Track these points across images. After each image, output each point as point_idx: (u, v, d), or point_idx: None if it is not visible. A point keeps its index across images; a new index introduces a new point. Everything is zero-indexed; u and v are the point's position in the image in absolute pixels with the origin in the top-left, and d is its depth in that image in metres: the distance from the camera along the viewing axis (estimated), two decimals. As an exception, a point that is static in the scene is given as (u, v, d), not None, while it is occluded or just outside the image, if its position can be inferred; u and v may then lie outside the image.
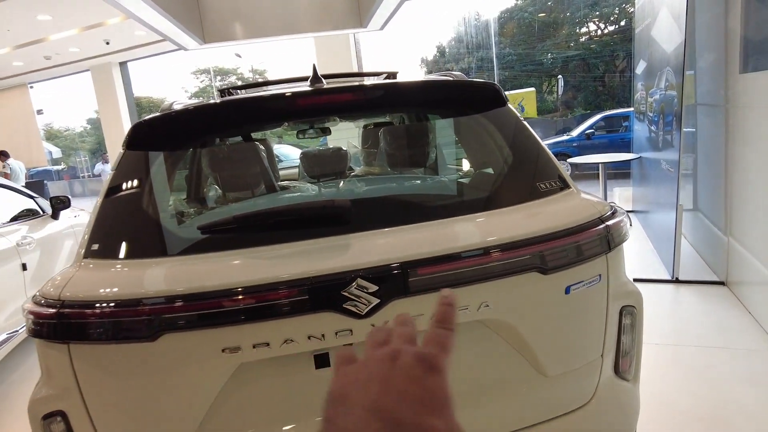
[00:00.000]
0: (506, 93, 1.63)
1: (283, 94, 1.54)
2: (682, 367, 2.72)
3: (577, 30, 24.29)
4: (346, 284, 1.12)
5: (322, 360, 1.21)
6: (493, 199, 1.44)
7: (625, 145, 8.44)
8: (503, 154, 1.54)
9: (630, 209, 6.03)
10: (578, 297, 1.30)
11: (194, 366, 1.16)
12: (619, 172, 8.98)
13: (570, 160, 6.91)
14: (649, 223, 5.18)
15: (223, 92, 2.20)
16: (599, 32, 23.99)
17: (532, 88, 21.05)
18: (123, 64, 9.51)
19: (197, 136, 1.65)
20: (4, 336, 3.24)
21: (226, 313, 1.11)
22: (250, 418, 1.23)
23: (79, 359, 1.16)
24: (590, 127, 10.99)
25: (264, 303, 1.11)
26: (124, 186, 1.37)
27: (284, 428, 1.24)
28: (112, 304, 1.12)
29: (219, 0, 5.37)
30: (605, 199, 5.93)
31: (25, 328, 3.45)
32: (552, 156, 1.51)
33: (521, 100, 20.08)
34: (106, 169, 10.76)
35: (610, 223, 1.34)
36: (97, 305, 1.12)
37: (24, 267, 3.63)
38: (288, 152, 9.19)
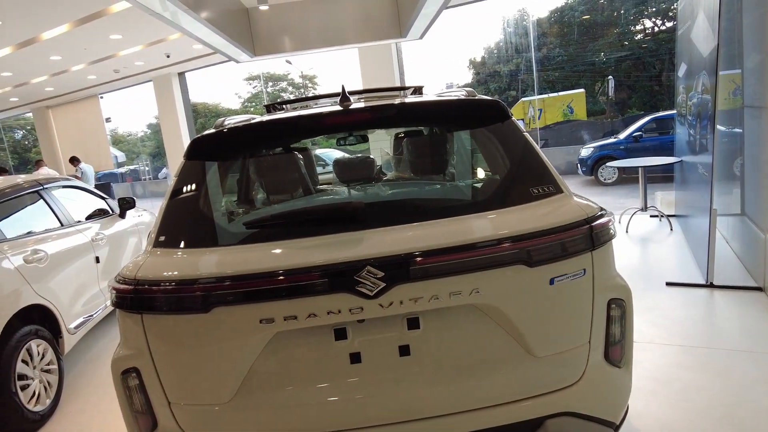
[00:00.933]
0: (555, 94, 1.85)
1: (313, 114, 1.82)
2: (705, 369, 2.78)
3: (631, 28, 23.51)
4: (359, 270, 1.37)
5: (340, 333, 1.46)
6: (490, 201, 1.65)
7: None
8: (503, 162, 1.74)
9: (671, 213, 5.95)
10: (563, 288, 1.49)
11: (238, 333, 1.44)
12: (667, 176, 8.78)
13: (611, 163, 6.86)
14: (688, 227, 5.13)
15: (269, 108, 2.51)
16: (655, 29, 23.10)
17: (582, 90, 20.58)
18: (181, 75, 10.22)
19: (243, 149, 1.97)
20: (82, 319, 3.70)
21: (264, 291, 1.39)
22: (281, 378, 1.49)
23: (149, 326, 1.47)
24: (638, 130, 10.73)
25: (293, 284, 1.39)
26: (184, 190, 1.68)
27: (308, 388, 1.50)
28: (175, 283, 1.42)
29: (268, 16, 5.77)
30: (645, 202, 5.89)
31: (100, 312, 3.89)
32: (548, 164, 1.70)
33: (570, 102, 19.66)
34: (170, 174, 11.53)
35: (595, 223, 1.51)
36: (164, 284, 1.43)
37: (97, 260, 4.11)
38: (333, 156, 9.57)
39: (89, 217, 4.38)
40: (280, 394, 1.49)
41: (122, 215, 4.98)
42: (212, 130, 1.82)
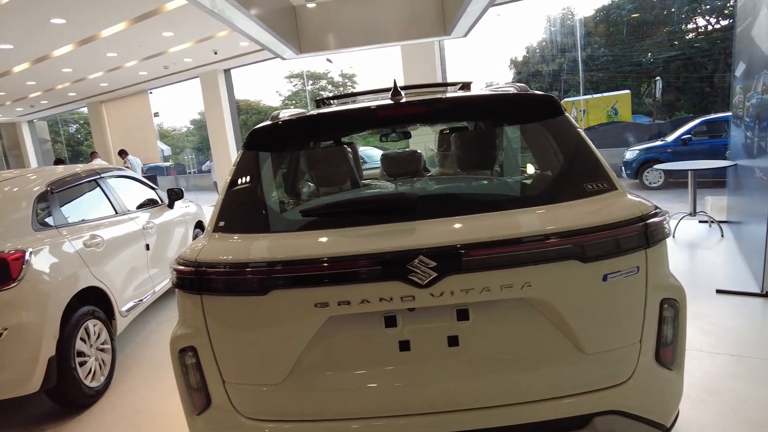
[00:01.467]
0: (599, 95, 1.84)
1: (367, 107, 1.86)
2: (759, 380, 2.67)
3: (683, 27, 22.58)
4: (411, 259, 1.39)
5: (390, 321, 1.49)
6: (543, 196, 1.65)
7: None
8: (556, 158, 1.73)
9: (723, 220, 5.72)
10: (615, 285, 1.47)
11: (293, 316, 1.49)
12: (718, 181, 8.41)
13: (658, 166, 6.64)
14: (741, 234, 4.92)
15: (318, 102, 2.57)
16: (709, 28, 22.09)
17: (627, 91, 19.96)
18: (227, 71, 10.51)
19: (298, 141, 2.03)
20: (133, 303, 3.88)
21: (319, 276, 1.44)
22: (331, 362, 1.54)
23: (208, 307, 1.54)
24: (687, 132, 10.33)
25: (348, 270, 1.43)
26: (242, 178, 1.75)
27: (356, 372, 1.53)
28: (235, 266, 1.49)
29: (314, 13, 5.87)
30: (694, 207, 5.68)
31: (148, 297, 4.06)
32: (602, 160, 1.68)
33: (614, 103, 19.10)
34: (213, 166, 11.88)
35: (650, 221, 1.49)
36: (224, 266, 1.50)
37: (147, 247, 4.29)
38: (372, 154, 9.63)
39: (140, 206, 4.57)
40: (329, 378, 1.53)
41: (170, 205, 5.18)
42: (269, 123, 1.88)
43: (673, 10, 21.73)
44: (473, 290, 1.42)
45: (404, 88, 2.05)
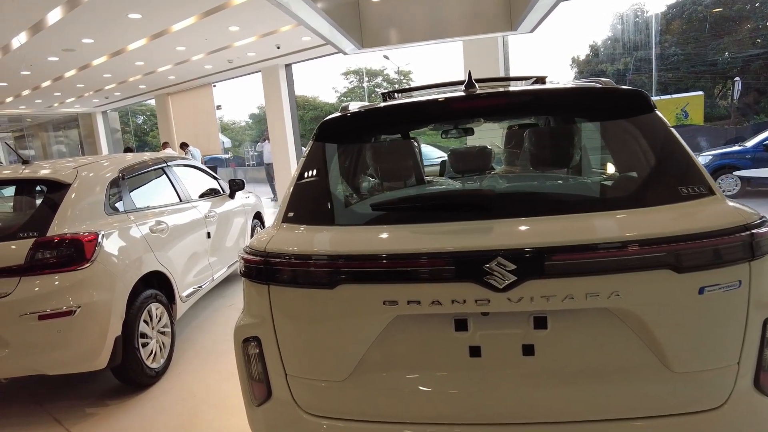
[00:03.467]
0: (668, 97, 1.69)
1: (443, 98, 1.78)
2: None
3: (767, 23, 20.96)
4: (489, 260, 1.31)
5: (460, 324, 1.41)
6: (633, 198, 1.51)
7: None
8: (646, 158, 1.59)
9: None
10: (713, 299, 1.32)
11: (360, 312, 1.44)
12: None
13: (737, 173, 6.15)
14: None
15: (385, 96, 2.52)
16: (798, 25, 20.38)
17: (700, 92, 18.73)
18: (288, 66, 10.70)
19: (369, 133, 1.98)
20: (192, 289, 3.99)
21: (390, 272, 1.39)
22: (397, 362, 1.47)
23: (275, 297, 1.52)
24: (771, 137, 9.53)
25: (420, 268, 1.36)
26: (311, 169, 1.72)
27: (423, 376, 1.46)
28: (304, 258, 1.46)
29: (377, 8, 5.83)
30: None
31: (207, 284, 4.16)
32: (698, 162, 1.53)
33: (685, 105, 17.98)
34: (266, 148, 12.10)
35: (756, 231, 1.33)
36: (293, 257, 1.47)
37: (208, 235, 4.41)
38: (427, 151, 9.52)
39: (202, 195, 4.70)
40: (394, 378, 1.47)
41: (232, 196, 5.31)
42: (340, 114, 1.84)
43: (757, 4, 20.17)
44: (555, 297, 1.31)
45: (477, 81, 1.95)
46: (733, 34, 20.98)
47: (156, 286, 3.51)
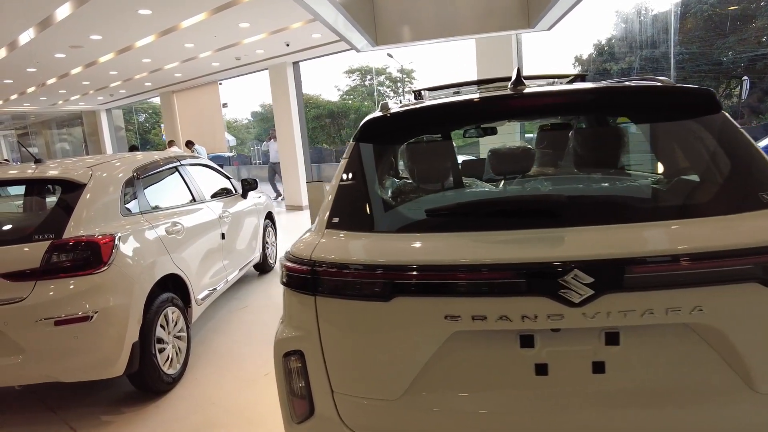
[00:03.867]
0: None
1: (498, 96, 1.67)
2: None
3: (771, 22, 20.78)
4: (564, 273, 1.20)
5: (526, 340, 1.30)
6: (712, 206, 1.40)
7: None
8: (717, 161, 1.48)
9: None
10: None
11: (417, 327, 1.33)
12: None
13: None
14: None
15: (416, 93, 2.41)
16: (807, 24, 20.21)
17: (708, 91, 18.55)
18: (296, 64, 10.57)
19: (414, 132, 1.86)
20: (207, 291, 3.89)
21: (454, 285, 1.28)
22: (455, 381, 1.37)
23: (322, 310, 1.41)
24: (785, 138, 9.40)
25: (487, 281, 1.26)
26: (355, 171, 1.61)
27: (483, 396, 1.36)
28: (357, 268, 1.35)
29: (391, 4, 5.72)
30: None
31: (221, 286, 4.04)
32: None
33: (693, 105, 17.83)
34: (272, 146, 12.00)
35: None
36: (344, 267, 1.36)
37: (222, 236, 4.30)
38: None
39: (214, 195, 4.59)
40: (452, 398, 1.37)
41: (244, 195, 5.20)
42: (383, 113, 1.73)
43: (762, 3, 20.00)
44: (633, 312, 1.21)
45: (526, 78, 1.84)
46: (738, 33, 20.82)
47: (171, 289, 3.41)
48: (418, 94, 2.42)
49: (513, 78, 1.69)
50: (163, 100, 14.77)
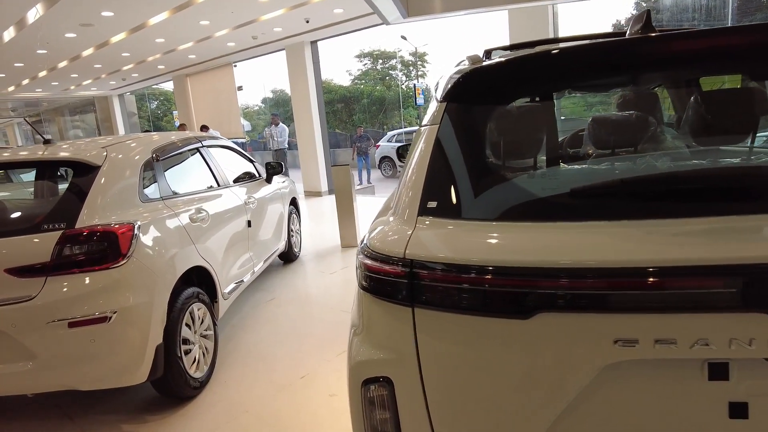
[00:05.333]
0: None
1: (651, 38, 1.23)
2: None
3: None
4: None
5: (718, 370, 0.92)
6: None
7: None
8: None
9: None
10: None
11: (568, 355, 0.96)
12: None
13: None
14: None
15: (487, 54, 1.97)
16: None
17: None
18: (314, 44, 10.12)
19: (533, 88, 1.43)
20: (234, 284, 3.55)
21: (634, 297, 0.90)
22: (610, 425, 0.99)
23: (425, 326, 1.04)
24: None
25: (686, 291, 0.87)
26: (452, 140, 1.22)
27: None
28: (481, 271, 0.97)
29: (425, -28, 5.27)
30: None
31: (248, 278, 3.67)
32: None
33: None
34: (276, 132, 11.48)
35: None
36: (461, 270, 0.98)
37: (249, 224, 3.95)
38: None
39: (237, 180, 4.24)
40: None
41: (269, 180, 4.85)
42: (486, 63, 1.31)
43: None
44: None
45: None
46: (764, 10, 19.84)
47: (196, 283, 3.07)
48: (488, 54, 2.00)
49: (642, 21, 1.28)
50: (176, 84, 14.42)
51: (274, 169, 4.88)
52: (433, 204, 1.13)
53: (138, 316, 2.40)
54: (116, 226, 2.40)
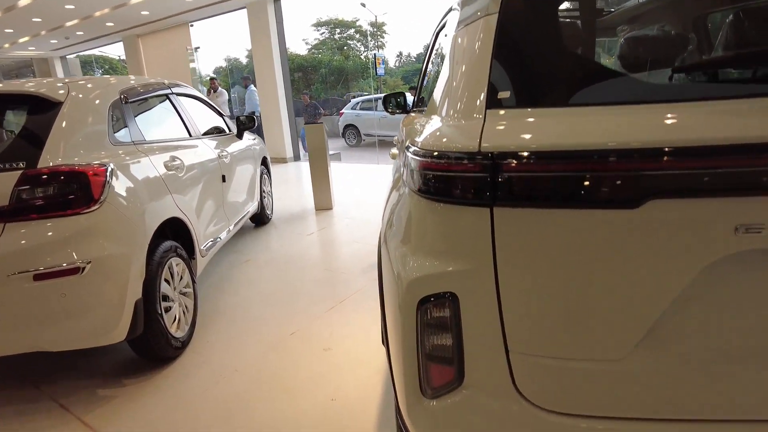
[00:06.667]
0: None
1: None
2: None
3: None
4: None
5: None
6: None
7: None
8: None
9: None
10: None
11: (679, 247, 0.84)
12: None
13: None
14: None
15: None
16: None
17: None
18: (277, 2, 9.59)
19: None
20: (211, 241, 3.31)
21: (757, 174, 0.78)
22: (715, 331, 0.88)
23: (507, 229, 0.89)
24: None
25: None
26: (520, 25, 1.05)
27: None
28: (584, 157, 0.83)
29: None
30: None
31: (224, 236, 3.43)
32: None
33: None
34: (213, 98, 10.13)
35: None
36: (558, 159, 0.84)
37: (223, 179, 3.69)
38: None
39: (207, 134, 3.93)
40: (710, 357, 0.89)
41: (239, 135, 4.56)
42: None
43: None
44: None
45: None
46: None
47: (172, 237, 2.83)
48: None
49: None
50: (127, 46, 13.47)
51: (244, 125, 4.58)
52: (505, 94, 0.97)
53: (115, 268, 2.15)
54: (86, 166, 2.12)
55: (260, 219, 5.09)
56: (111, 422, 2.14)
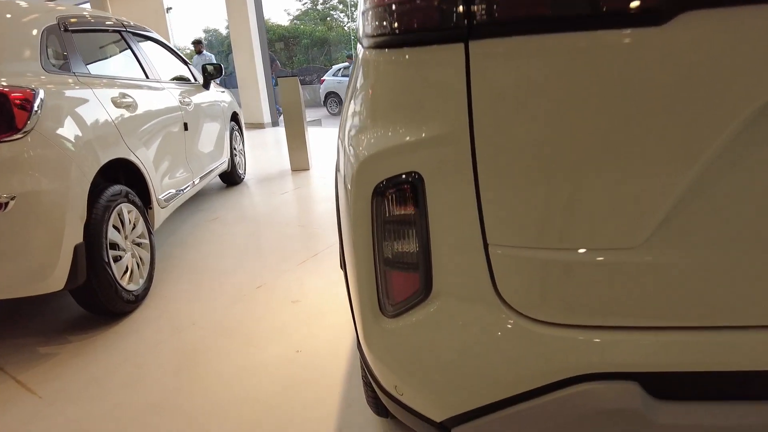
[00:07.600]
0: None
1: None
2: None
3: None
4: None
5: None
6: None
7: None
8: None
9: None
10: None
11: (719, 83, 0.61)
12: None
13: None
14: None
15: None
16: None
17: None
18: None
19: None
20: (172, 191, 3.05)
21: None
22: (751, 208, 0.68)
23: (487, 72, 0.66)
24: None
25: None
26: None
27: None
28: None
29: None
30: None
31: (188, 189, 3.18)
32: None
33: None
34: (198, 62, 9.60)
35: None
36: None
37: (186, 127, 3.40)
38: None
39: (171, 80, 3.62)
40: (747, 244, 0.69)
41: (206, 86, 4.24)
42: None
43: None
44: None
45: None
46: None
47: (125, 183, 2.57)
48: None
49: None
50: (94, 5, 12.77)
51: (211, 75, 4.26)
52: None
53: (47, 205, 1.89)
54: (7, 89, 1.84)
55: (232, 178, 4.81)
56: (48, 379, 1.91)
